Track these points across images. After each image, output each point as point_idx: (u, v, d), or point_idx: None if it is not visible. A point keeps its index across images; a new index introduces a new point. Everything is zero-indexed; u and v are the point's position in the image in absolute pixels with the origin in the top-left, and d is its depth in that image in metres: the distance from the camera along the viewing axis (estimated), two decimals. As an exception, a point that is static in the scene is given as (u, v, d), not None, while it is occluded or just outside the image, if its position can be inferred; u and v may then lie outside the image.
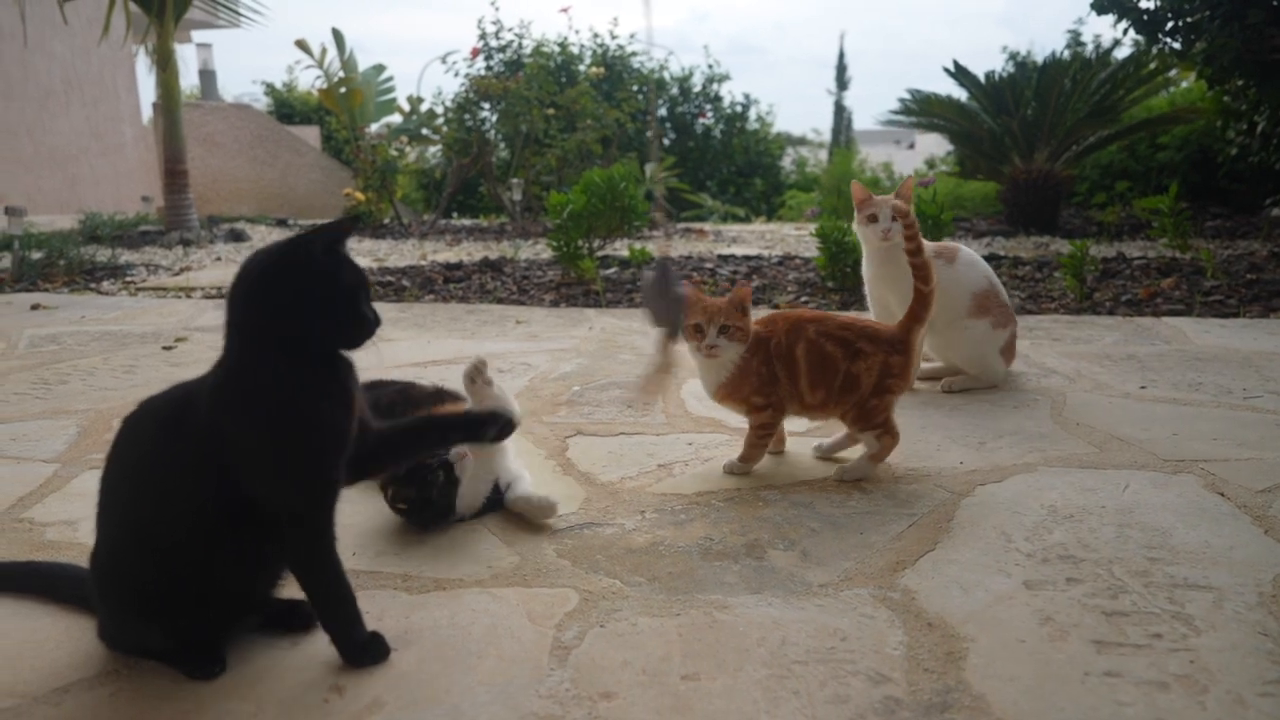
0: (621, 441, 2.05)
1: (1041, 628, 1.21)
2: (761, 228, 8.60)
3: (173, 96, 6.98)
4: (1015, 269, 4.62)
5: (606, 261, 5.02)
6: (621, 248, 5.42)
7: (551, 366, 2.78)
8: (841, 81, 26.86)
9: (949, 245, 2.41)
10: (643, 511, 1.65)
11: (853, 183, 2.39)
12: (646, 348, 3.02)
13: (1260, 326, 3.19)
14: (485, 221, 9.28)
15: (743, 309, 1.75)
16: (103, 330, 3.48)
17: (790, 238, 7.06)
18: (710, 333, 1.74)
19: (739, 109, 13.69)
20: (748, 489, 1.74)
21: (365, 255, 6.15)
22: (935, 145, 14.13)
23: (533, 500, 1.59)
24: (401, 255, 6.09)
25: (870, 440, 1.78)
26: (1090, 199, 7.85)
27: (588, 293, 4.17)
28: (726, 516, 1.62)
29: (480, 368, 1.62)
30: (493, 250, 6.25)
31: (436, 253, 6.19)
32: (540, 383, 2.58)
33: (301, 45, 8.70)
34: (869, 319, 1.88)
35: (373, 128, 9.37)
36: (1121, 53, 6.84)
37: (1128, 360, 2.72)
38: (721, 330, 1.74)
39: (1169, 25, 5.68)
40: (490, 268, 5.13)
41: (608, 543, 1.51)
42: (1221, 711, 1.03)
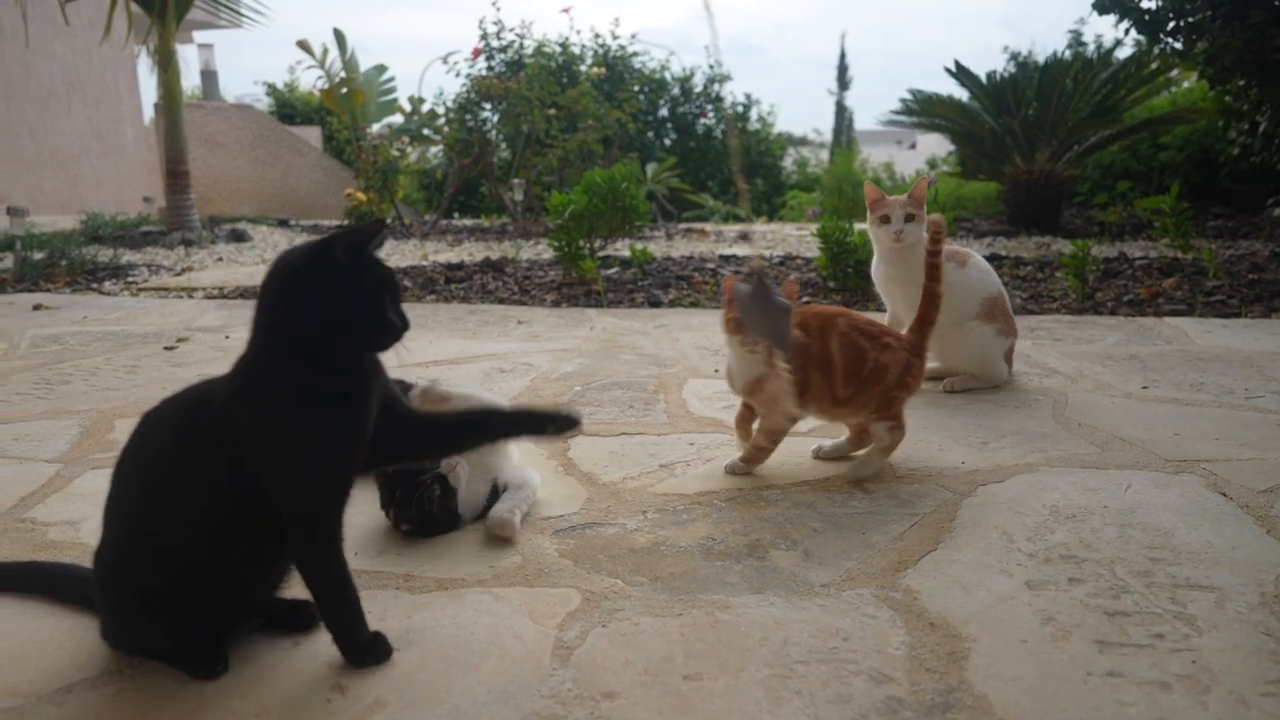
0: (623, 441, 2.05)
1: (1044, 628, 1.21)
2: (763, 228, 8.59)
3: (174, 97, 6.99)
4: (1017, 269, 4.62)
5: (608, 261, 5.02)
6: (623, 248, 5.43)
7: (553, 366, 2.78)
8: (842, 81, 26.88)
9: (960, 249, 2.42)
10: (644, 511, 1.65)
11: (866, 183, 2.39)
12: (648, 347, 3.02)
13: (1262, 326, 3.19)
14: (487, 222, 9.29)
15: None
16: (105, 330, 3.49)
17: (792, 238, 7.06)
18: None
19: (740, 109, 13.70)
20: (749, 489, 1.74)
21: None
22: (936, 145, 14.13)
23: (491, 518, 1.54)
24: (403, 255, 6.09)
25: (883, 432, 1.78)
26: (1092, 199, 7.85)
27: (589, 293, 4.17)
28: (728, 516, 1.62)
29: (427, 393, 1.61)
30: (494, 250, 6.25)
31: (438, 253, 6.19)
32: (542, 383, 2.58)
33: (303, 45, 8.71)
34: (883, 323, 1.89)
35: (374, 128, 9.37)
36: (1123, 53, 6.84)
37: (1130, 360, 2.72)
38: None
39: (1170, 25, 5.68)
40: (492, 268, 5.14)
41: (610, 543, 1.51)
42: (1224, 711, 1.03)
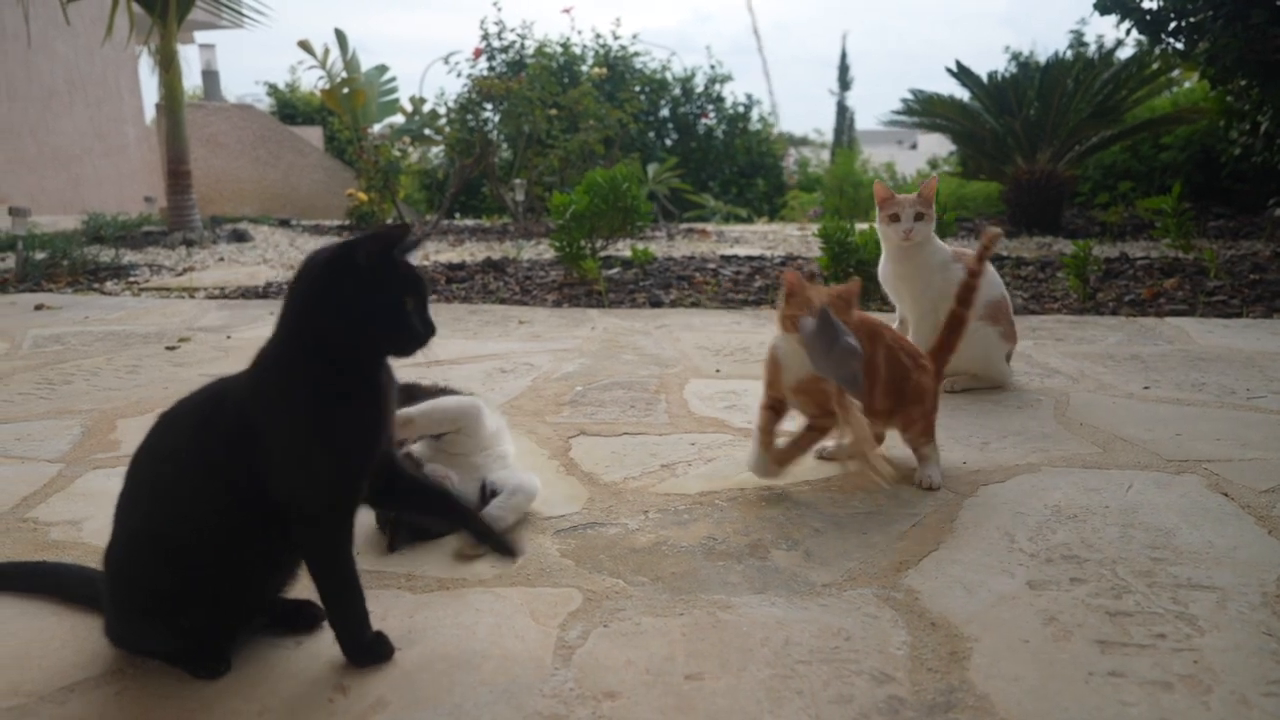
0: (624, 441, 2.05)
1: (1045, 628, 1.21)
2: (764, 228, 8.59)
3: (176, 97, 6.99)
4: (1018, 269, 4.61)
5: (609, 262, 5.02)
6: (624, 248, 5.43)
7: (554, 366, 2.78)
8: (844, 82, 26.87)
9: (968, 252, 2.42)
10: (646, 511, 1.65)
11: (875, 182, 2.40)
12: (649, 348, 3.02)
13: (1263, 327, 3.19)
14: (488, 222, 9.29)
15: (849, 302, 1.60)
16: (106, 330, 3.49)
17: (793, 238, 7.06)
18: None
19: (741, 109, 13.69)
20: (751, 489, 1.74)
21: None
22: (938, 145, 14.13)
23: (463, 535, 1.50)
24: (404, 255, 6.08)
25: (932, 449, 1.76)
26: (1093, 199, 7.84)
27: (590, 293, 4.17)
28: (729, 516, 1.62)
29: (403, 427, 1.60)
30: (495, 250, 6.25)
31: (439, 253, 6.19)
32: (543, 383, 2.58)
33: (304, 46, 8.71)
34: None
35: (375, 128, 9.38)
36: (1124, 53, 6.83)
37: (1131, 360, 2.72)
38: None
39: (1172, 25, 5.67)
40: (493, 268, 5.14)
41: (611, 542, 1.52)
42: (1225, 711, 1.03)
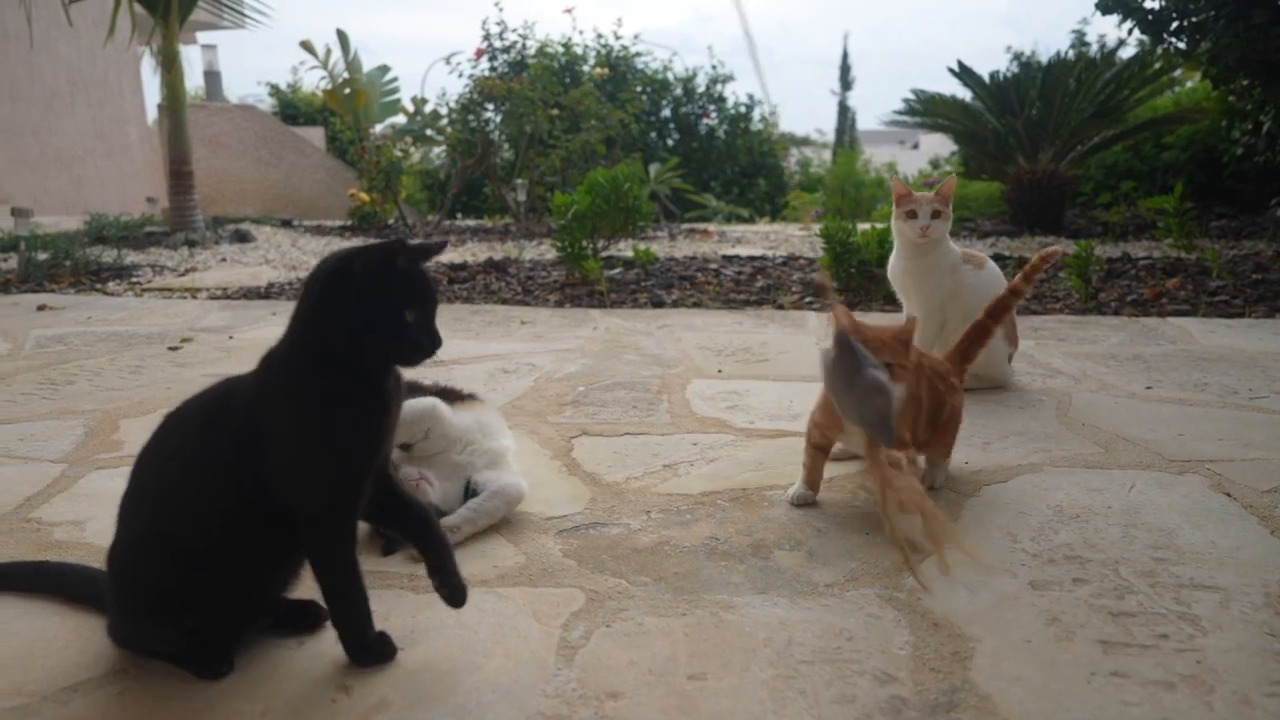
0: (626, 442, 2.05)
1: (1048, 628, 1.21)
2: (766, 228, 8.59)
3: (178, 97, 7.00)
4: (1020, 269, 4.61)
5: (611, 262, 5.02)
6: (626, 248, 5.43)
7: (556, 367, 2.78)
8: (845, 81, 26.91)
9: (977, 254, 2.43)
10: (648, 511, 1.65)
11: (893, 179, 2.41)
12: (651, 348, 3.02)
13: (1266, 327, 3.18)
14: (490, 222, 9.28)
15: (907, 344, 1.50)
16: (109, 331, 3.49)
17: (795, 238, 7.05)
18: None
19: (743, 109, 13.69)
20: (753, 489, 1.74)
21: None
22: (939, 145, 14.12)
23: (443, 522, 1.49)
24: (406, 256, 6.09)
25: (945, 457, 1.74)
26: (1095, 199, 7.83)
27: (592, 293, 4.17)
28: (732, 517, 1.62)
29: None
30: (497, 251, 6.25)
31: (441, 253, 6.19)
32: (545, 383, 2.58)
33: (306, 46, 8.72)
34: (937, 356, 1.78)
35: (377, 129, 9.38)
36: (1126, 53, 6.82)
37: (1133, 360, 2.72)
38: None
39: (1174, 25, 5.67)
40: (495, 268, 5.14)
41: (613, 543, 1.52)
42: (1228, 712, 1.03)
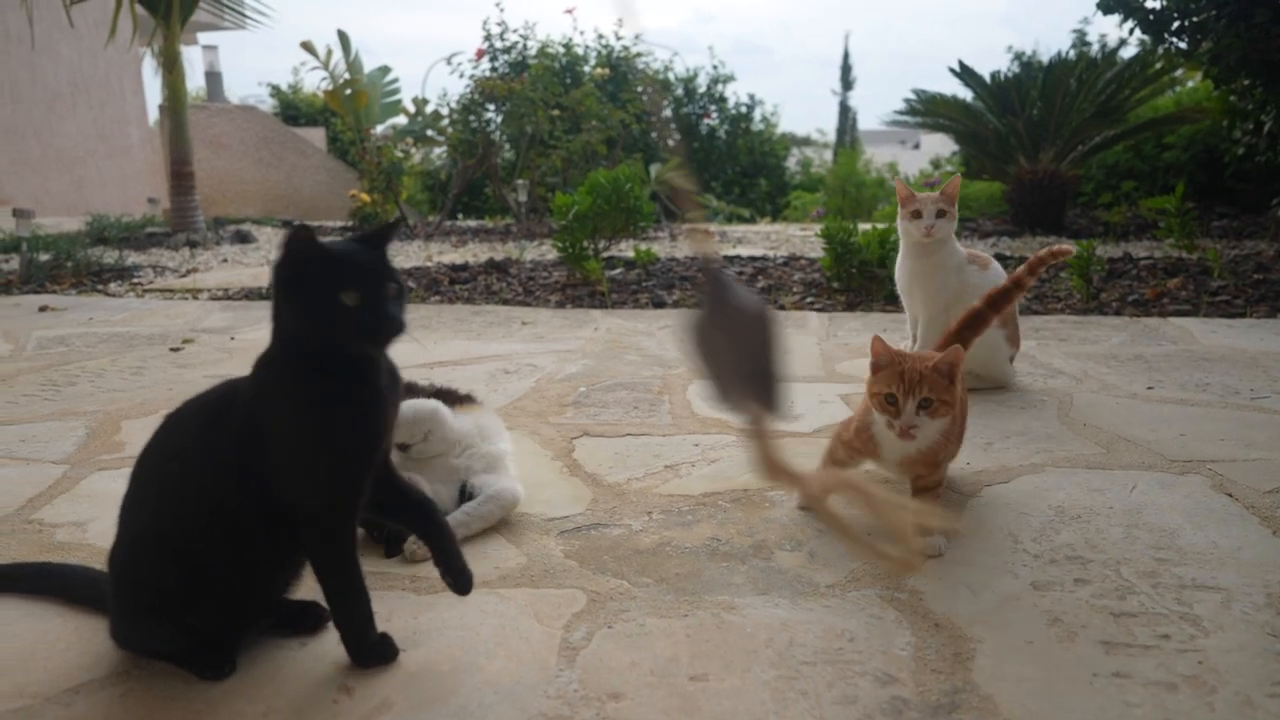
0: (628, 442, 2.05)
1: (1049, 628, 1.21)
2: (767, 228, 8.59)
3: (179, 98, 7.01)
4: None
5: (612, 262, 5.03)
6: (627, 248, 5.43)
7: (558, 367, 2.78)
8: (846, 82, 26.89)
9: (982, 255, 2.43)
10: (650, 512, 1.65)
11: (897, 181, 2.42)
12: (652, 348, 3.02)
13: (1267, 327, 3.18)
14: (490, 223, 9.29)
15: (950, 376, 1.37)
16: (110, 332, 3.50)
17: (795, 238, 7.05)
18: (908, 406, 1.36)
19: (744, 110, 13.69)
20: (754, 490, 1.74)
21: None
22: (940, 145, 14.10)
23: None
24: (407, 256, 6.10)
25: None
26: (1096, 199, 7.83)
27: (593, 294, 4.17)
28: (733, 517, 1.62)
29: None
30: (498, 251, 6.25)
31: (442, 254, 6.20)
32: (546, 384, 2.58)
33: (307, 47, 8.72)
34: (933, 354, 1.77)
35: (378, 129, 9.39)
36: (1127, 52, 6.82)
37: (1134, 361, 2.72)
38: (922, 405, 1.36)
39: (1175, 25, 5.66)
40: (496, 269, 5.14)
41: (615, 543, 1.52)
42: (1230, 712, 1.02)
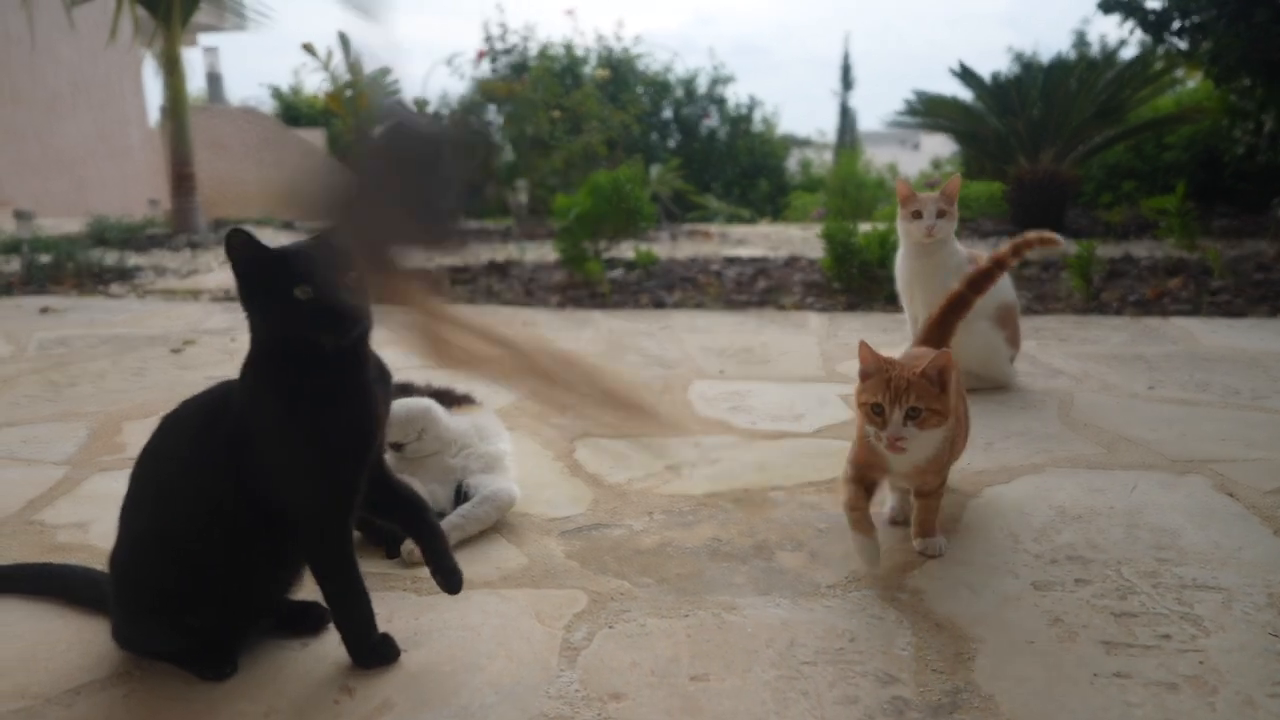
0: (629, 443, 2.05)
1: (1050, 629, 1.21)
2: (767, 229, 8.59)
3: (180, 100, 7.01)
4: (1022, 269, 4.60)
5: (612, 263, 5.02)
6: (628, 249, 5.42)
7: (558, 368, 2.77)
8: (846, 82, 26.83)
9: (982, 255, 2.43)
10: (651, 513, 1.65)
11: (898, 181, 2.42)
12: (653, 349, 3.02)
13: (1268, 327, 3.18)
14: (491, 224, 9.29)
15: (941, 383, 1.29)
16: (111, 333, 3.50)
17: (796, 239, 7.05)
18: (894, 416, 1.26)
19: (744, 111, 13.69)
20: (755, 490, 1.74)
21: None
22: (940, 146, 14.09)
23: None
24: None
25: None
26: (1096, 199, 7.83)
27: (594, 295, 4.17)
28: (734, 518, 1.62)
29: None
30: (499, 252, 6.25)
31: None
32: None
33: (308, 48, 8.72)
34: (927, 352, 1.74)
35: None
36: (1128, 53, 6.83)
37: (1135, 360, 2.72)
38: (910, 415, 1.27)
39: (1175, 25, 5.67)
40: (496, 270, 5.14)
41: (616, 544, 1.52)
42: (1231, 712, 1.03)
